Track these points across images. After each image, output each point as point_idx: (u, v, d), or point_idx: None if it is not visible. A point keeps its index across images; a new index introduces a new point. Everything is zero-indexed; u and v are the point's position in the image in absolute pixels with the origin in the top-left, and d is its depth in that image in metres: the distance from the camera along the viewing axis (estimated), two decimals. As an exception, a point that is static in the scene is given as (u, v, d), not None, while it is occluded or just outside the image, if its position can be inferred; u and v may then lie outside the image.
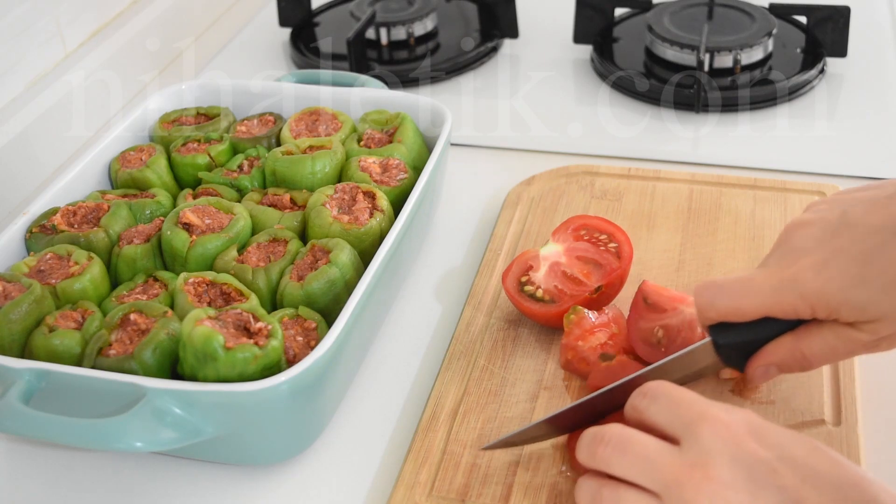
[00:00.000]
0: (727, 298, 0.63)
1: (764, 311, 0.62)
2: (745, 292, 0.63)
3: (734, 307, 0.63)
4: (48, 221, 0.80)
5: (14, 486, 0.72)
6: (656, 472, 0.56)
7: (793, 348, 0.63)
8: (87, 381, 0.65)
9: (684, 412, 0.57)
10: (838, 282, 0.60)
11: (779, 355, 0.64)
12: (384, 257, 0.74)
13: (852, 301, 0.60)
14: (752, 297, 0.62)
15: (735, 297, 0.63)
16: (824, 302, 0.60)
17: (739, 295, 0.63)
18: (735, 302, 0.63)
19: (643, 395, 0.60)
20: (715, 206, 0.90)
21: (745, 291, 0.63)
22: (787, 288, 0.61)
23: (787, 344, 0.63)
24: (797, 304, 0.61)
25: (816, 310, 0.61)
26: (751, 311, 0.63)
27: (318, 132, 0.90)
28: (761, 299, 0.62)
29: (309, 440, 0.72)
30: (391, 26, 1.19)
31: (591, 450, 0.59)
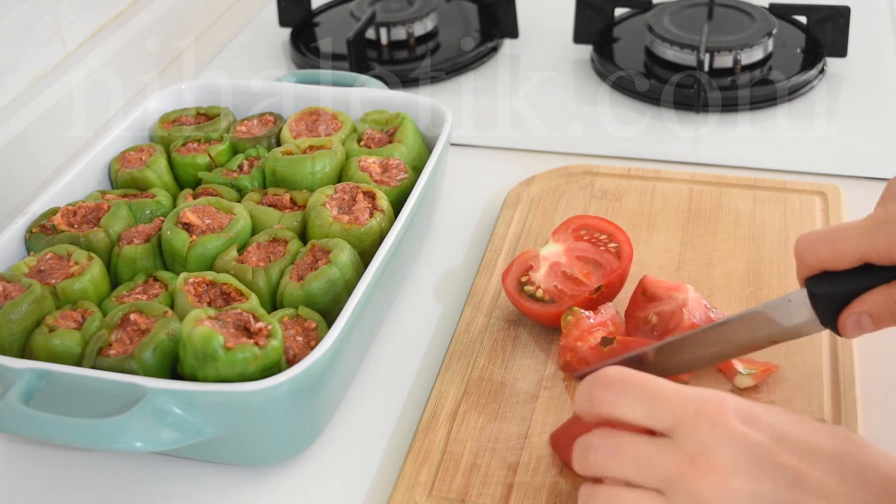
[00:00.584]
0: (824, 242, 0.62)
1: (859, 253, 0.61)
2: (842, 235, 0.62)
3: (830, 249, 0.62)
4: (48, 221, 0.80)
5: (14, 486, 0.72)
6: (656, 470, 0.55)
7: (887, 296, 0.61)
8: (87, 381, 0.65)
9: (670, 405, 0.56)
10: None
11: (872, 302, 0.62)
12: (384, 257, 0.74)
13: None
14: (848, 240, 0.62)
15: (832, 239, 0.62)
16: None
17: (836, 238, 0.62)
18: (831, 244, 0.62)
19: (605, 387, 0.58)
20: (715, 206, 0.90)
21: (841, 234, 0.62)
22: (882, 228, 0.60)
23: (881, 291, 0.62)
24: (892, 245, 0.60)
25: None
26: (846, 253, 0.62)
27: (318, 132, 0.90)
28: (856, 240, 0.61)
29: (309, 440, 0.72)
30: (391, 26, 1.19)
31: (584, 458, 0.58)
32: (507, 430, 0.70)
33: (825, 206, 0.89)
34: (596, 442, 0.58)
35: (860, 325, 0.63)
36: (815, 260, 0.63)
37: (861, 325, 0.63)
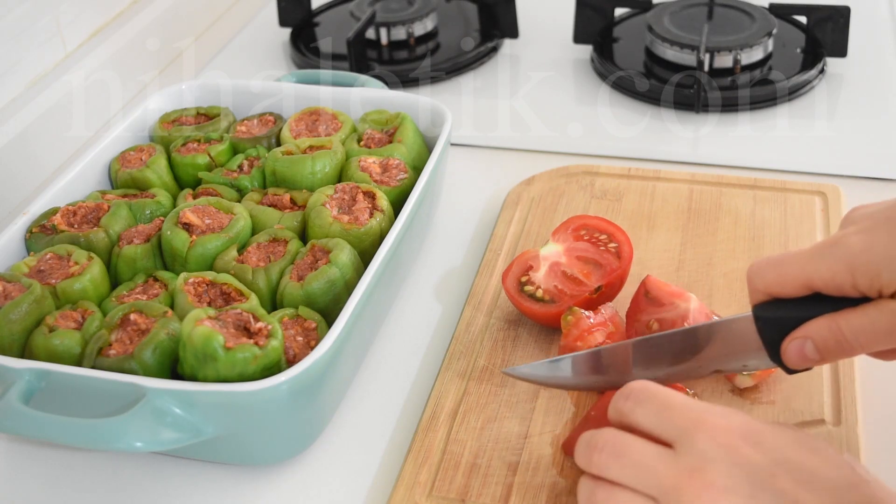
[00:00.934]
0: (772, 268, 0.61)
1: (805, 277, 0.60)
2: (789, 261, 0.61)
3: (778, 275, 0.61)
4: (48, 221, 0.80)
5: (14, 486, 0.72)
6: (653, 478, 0.55)
7: (831, 323, 0.59)
8: (87, 381, 0.65)
9: (677, 417, 0.57)
10: (882, 244, 0.57)
11: (815, 328, 0.60)
12: (384, 257, 0.74)
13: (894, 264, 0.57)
14: (794, 264, 0.60)
15: (780, 265, 0.61)
16: (865, 265, 0.57)
17: (784, 263, 0.61)
18: (779, 270, 0.61)
19: (626, 398, 0.60)
20: (715, 206, 0.90)
21: (789, 260, 0.61)
22: (828, 253, 0.59)
23: (824, 318, 0.60)
24: (837, 270, 0.58)
25: (857, 275, 0.58)
26: (792, 277, 0.60)
27: (318, 132, 0.90)
28: (802, 265, 0.60)
29: (309, 440, 0.72)
30: (391, 26, 1.19)
31: (587, 456, 0.59)
32: (507, 430, 0.70)
33: (825, 206, 0.89)
34: (602, 442, 0.58)
35: (803, 352, 0.61)
36: (764, 285, 0.62)
37: (804, 352, 0.61)
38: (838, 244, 0.59)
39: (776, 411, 0.70)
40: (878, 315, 0.58)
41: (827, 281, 0.59)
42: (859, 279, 0.58)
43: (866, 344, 0.59)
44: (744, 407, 0.70)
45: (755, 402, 0.71)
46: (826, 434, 0.68)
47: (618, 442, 0.58)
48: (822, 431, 0.68)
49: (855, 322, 0.59)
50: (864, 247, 0.58)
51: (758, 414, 0.70)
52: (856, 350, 0.60)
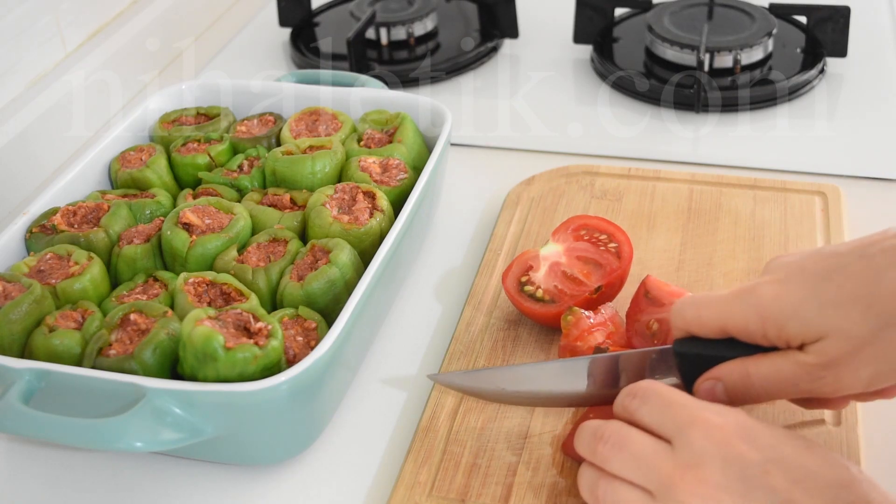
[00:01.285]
0: (693, 308, 0.63)
1: (720, 322, 0.62)
2: (708, 303, 0.62)
3: (696, 316, 0.63)
4: (48, 221, 0.80)
5: (14, 486, 0.72)
6: (651, 472, 0.56)
7: (740, 366, 0.62)
8: (87, 381, 0.65)
9: (676, 414, 0.58)
10: (792, 295, 0.59)
11: (725, 370, 0.62)
12: (384, 257, 0.74)
13: (801, 314, 0.58)
14: (711, 308, 0.62)
15: (699, 307, 0.63)
16: (774, 314, 0.59)
17: (703, 305, 0.63)
18: (697, 311, 0.63)
19: (633, 396, 0.61)
20: (715, 206, 0.90)
21: (708, 302, 0.62)
22: (741, 300, 0.61)
23: (735, 361, 0.62)
24: (749, 316, 0.60)
25: (766, 324, 0.60)
26: (708, 321, 0.62)
27: (318, 132, 0.90)
28: (718, 310, 0.62)
29: (309, 440, 0.72)
30: (391, 26, 1.19)
31: (591, 446, 0.60)
32: (507, 430, 0.70)
33: (825, 206, 0.89)
34: (607, 433, 0.59)
35: (713, 392, 0.62)
36: (683, 324, 0.64)
37: (714, 392, 0.62)
38: (752, 292, 0.61)
39: (776, 411, 0.70)
40: (783, 363, 0.60)
41: (740, 328, 0.61)
42: (769, 329, 0.60)
43: (773, 392, 0.61)
44: (744, 407, 0.70)
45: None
46: (826, 434, 0.68)
47: (621, 434, 0.59)
48: (822, 431, 0.68)
49: (763, 369, 0.61)
50: (775, 297, 0.59)
51: (758, 414, 0.70)
52: (762, 397, 0.62)
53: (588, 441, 0.61)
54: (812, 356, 0.59)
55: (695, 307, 0.63)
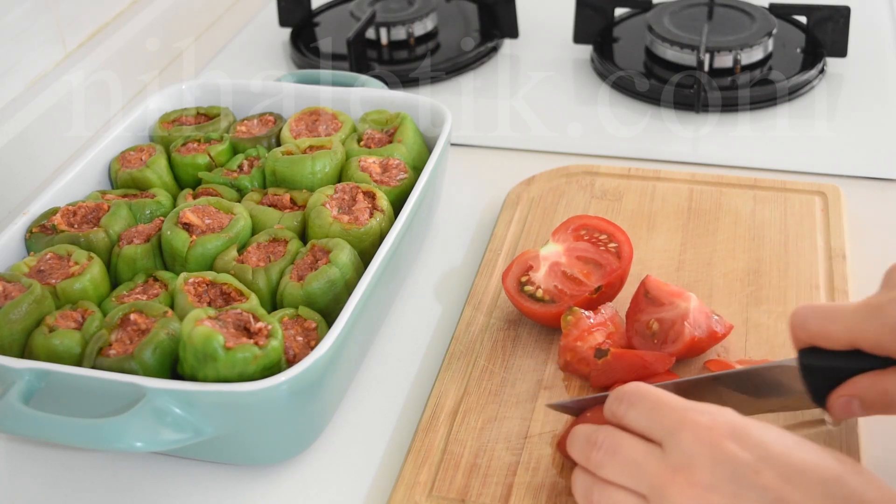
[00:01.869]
0: (818, 320, 0.62)
1: (849, 337, 0.61)
2: (835, 316, 0.61)
3: (822, 329, 0.62)
4: (48, 221, 0.80)
5: (14, 486, 0.72)
6: (643, 476, 0.57)
7: (875, 382, 0.61)
8: (87, 381, 0.65)
9: (664, 417, 0.58)
10: None
11: (861, 387, 0.61)
12: (384, 257, 0.74)
13: None
14: (840, 322, 0.61)
15: (825, 319, 0.62)
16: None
17: (829, 318, 0.62)
18: (823, 324, 0.62)
19: (620, 400, 0.61)
20: (715, 206, 0.90)
21: (834, 315, 0.61)
22: (873, 316, 0.60)
23: (870, 377, 0.61)
24: (882, 332, 0.59)
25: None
26: (836, 335, 0.61)
27: (318, 132, 0.90)
28: (847, 325, 0.61)
29: (309, 440, 0.72)
30: (391, 26, 1.19)
31: (584, 452, 0.60)
32: (507, 430, 0.70)
33: (825, 206, 0.89)
34: (600, 439, 0.60)
35: (850, 408, 0.62)
36: (807, 336, 0.63)
37: (851, 408, 0.62)
38: (884, 309, 0.60)
39: (776, 411, 0.70)
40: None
41: (872, 344, 0.60)
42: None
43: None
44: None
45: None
46: (826, 434, 0.68)
47: (614, 440, 0.59)
48: (822, 431, 0.68)
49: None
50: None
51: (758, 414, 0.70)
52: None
53: (581, 447, 0.61)
54: None
55: (820, 320, 0.62)
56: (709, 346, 0.74)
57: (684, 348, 0.71)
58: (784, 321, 0.77)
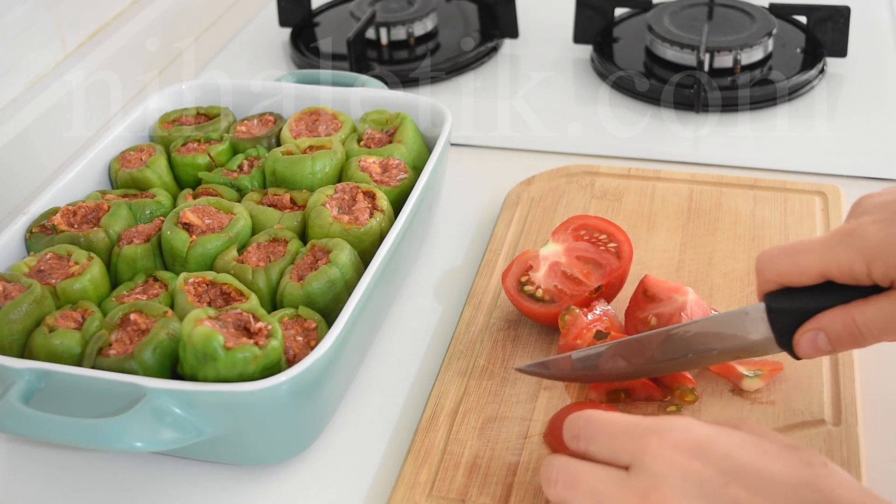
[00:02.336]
0: (786, 256, 0.61)
1: (821, 267, 0.60)
2: (804, 249, 0.61)
3: (792, 263, 0.61)
4: (48, 221, 0.80)
5: (14, 486, 0.72)
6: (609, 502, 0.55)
7: (845, 314, 0.60)
8: (87, 381, 0.65)
9: (625, 443, 0.56)
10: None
11: (828, 319, 0.61)
12: (384, 257, 0.74)
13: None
14: (810, 254, 0.60)
15: (794, 255, 0.61)
16: (882, 255, 0.58)
17: (798, 252, 0.61)
18: (794, 259, 0.61)
19: (577, 438, 0.59)
20: (715, 206, 0.90)
21: (803, 248, 0.61)
22: (844, 242, 0.59)
23: (840, 311, 0.60)
24: (853, 259, 0.59)
25: (872, 266, 0.58)
26: (807, 267, 0.60)
27: (318, 132, 0.90)
28: (818, 255, 0.60)
29: (309, 440, 0.72)
30: (391, 26, 1.19)
31: (546, 489, 0.59)
32: (507, 430, 0.70)
33: (825, 206, 0.89)
34: (554, 475, 0.58)
35: (816, 343, 0.62)
36: (776, 274, 0.62)
37: (817, 343, 0.62)
38: (855, 234, 0.59)
39: (776, 411, 0.70)
40: (890, 307, 0.59)
41: (843, 270, 0.60)
42: (875, 269, 0.59)
43: (879, 335, 0.60)
44: (744, 407, 0.70)
45: (755, 402, 0.71)
46: (826, 434, 0.68)
47: (570, 472, 0.58)
48: (822, 431, 0.68)
49: (869, 314, 0.60)
50: (882, 237, 0.58)
51: (758, 414, 0.70)
52: (868, 341, 0.60)
53: (544, 484, 0.59)
54: None
55: (790, 256, 0.61)
56: None
57: None
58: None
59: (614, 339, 0.71)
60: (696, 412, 0.70)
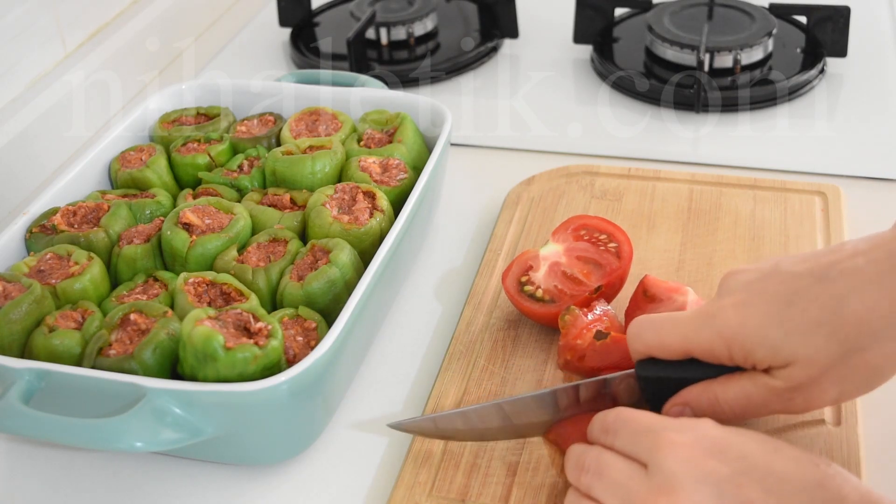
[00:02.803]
0: (652, 331, 0.63)
1: (684, 346, 0.62)
2: (669, 326, 0.63)
3: (657, 339, 0.63)
4: (48, 221, 0.80)
5: (14, 486, 0.72)
6: (628, 497, 0.57)
7: (705, 390, 0.62)
8: (87, 381, 0.65)
9: (644, 440, 0.58)
10: (756, 320, 0.59)
11: (693, 395, 0.63)
12: (384, 257, 0.74)
13: (768, 341, 0.59)
14: (674, 331, 0.62)
15: (659, 330, 0.63)
16: (740, 340, 0.60)
17: (664, 329, 0.63)
18: (658, 335, 0.63)
19: (605, 431, 0.61)
20: (715, 206, 0.90)
21: (669, 325, 0.63)
22: (706, 324, 0.61)
23: (701, 386, 0.63)
24: (714, 341, 0.61)
25: (732, 349, 0.60)
26: (671, 344, 0.63)
27: (318, 132, 0.90)
28: (682, 334, 0.62)
29: (309, 440, 0.72)
30: (391, 26, 1.19)
31: (576, 474, 0.61)
32: (507, 430, 0.70)
33: (825, 206, 0.89)
34: (587, 462, 0.60)
35: (682, 416, 0.63)
36: (643, 346, 0.64)
37: (683, 416, 0.63)
38: (716, 317, 0.61)
39: (776, 411, 0.70)
40: (751, 387, 0.61)
41: (705, 351, 0.62)
42: (735, 353, 0.60)
43: (741, 413, 0.62)
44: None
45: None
46: (826, 434, 0.68)
47: (601, 461, 0.60)
48: (822, 431, 0.68)
49: (730, 393, 0.61)
50: (740, 322, 0.60)
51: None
52: (731, 419, 0.62)
53: (571, 469, 0.62)
54: (780, 381, 0.60)
55: (654, 330, 0.63)
56: None
57: None
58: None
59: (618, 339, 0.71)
60: (696, 412, 0.70)
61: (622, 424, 0.60)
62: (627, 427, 0.60)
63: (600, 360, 0.72)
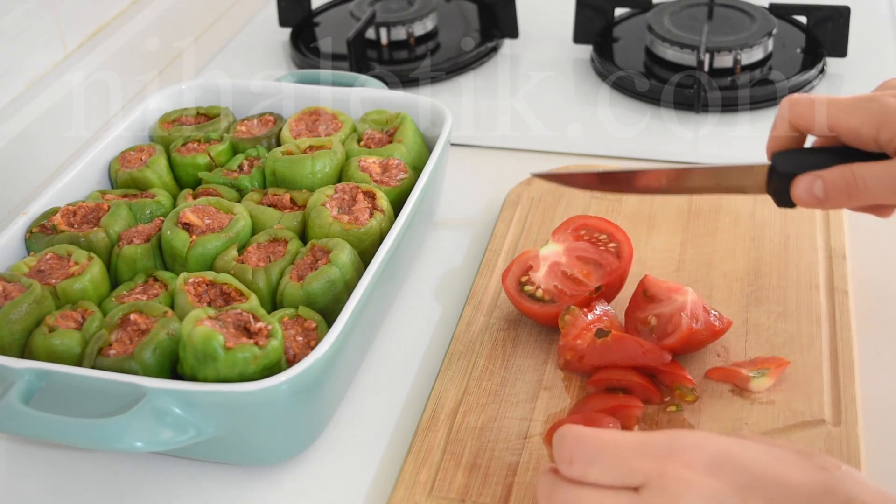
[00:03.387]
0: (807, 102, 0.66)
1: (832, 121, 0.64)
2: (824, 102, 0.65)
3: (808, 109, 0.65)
4: (48, 221, 0.80)
5: (14, 486, 0.72)
6: None
7: (845, 168, 0.64)
8: (87, 381, 0.65)
9: (635, 464, 0.54)
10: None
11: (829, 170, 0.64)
12: (384, 257, 0.74)
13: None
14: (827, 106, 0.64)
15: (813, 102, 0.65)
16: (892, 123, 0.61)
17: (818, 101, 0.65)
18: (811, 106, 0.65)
19: (570, 463, 0.55)
20: (715, 206, 0.90)
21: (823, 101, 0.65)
22: (861, 105, 0.63)
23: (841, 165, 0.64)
24: (864, 121, 0.62)
25: (881, 131, 0.62)
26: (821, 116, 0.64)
27: (318, 132, 0.90)
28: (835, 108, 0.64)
29: (309, 440, 0.72)
30: (391, 26, 1.19)
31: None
32: (507, 430, 0.70)
33: (825, 206, 0.89)
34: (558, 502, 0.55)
35: (811, 189, 0.65)
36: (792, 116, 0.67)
37: (812, 189, 0.65)
38: (874, 100, 0.63)
39: (776, 411, 0.70)
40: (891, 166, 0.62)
41: (852, 129, 0.63)
42: (882, 134, 0.62)
43: (872, 188, 0.63)
44: (744, 407, 0.70)
45: (755, 402, 0.71)
46: (826, 434, 0.68)
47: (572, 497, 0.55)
48: (822, 431, 0.68)
49: (871, 171, 0.63)
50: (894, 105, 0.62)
51: (758, 414, 0.70)
52: (860, 194, 0.63)
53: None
54: None
55: (810, 102, 0.65)
56: (707, 340, 0.74)
57: (682, 340, 0.72)
58: (784, 321, 0.77)
59: (619, 338, 0.71)
60: (696, 412, 0.70)
61: (594, 452, 0.54)
62: (604, 453, 0.54)
63: (601, 359, 0.72)
